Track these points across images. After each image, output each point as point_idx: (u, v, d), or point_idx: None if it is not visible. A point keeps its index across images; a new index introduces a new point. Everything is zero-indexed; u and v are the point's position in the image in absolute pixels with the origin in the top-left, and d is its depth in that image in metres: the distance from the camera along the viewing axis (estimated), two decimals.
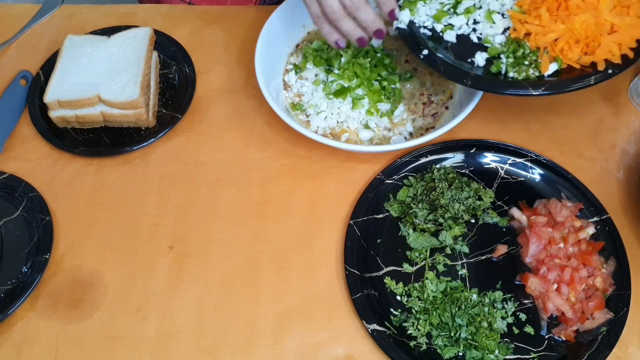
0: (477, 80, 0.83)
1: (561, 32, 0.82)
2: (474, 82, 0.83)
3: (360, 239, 0.84)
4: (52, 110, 0.93)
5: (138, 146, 0.93)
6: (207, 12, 1.11)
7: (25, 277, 0.81)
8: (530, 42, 0.83)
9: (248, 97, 0.99)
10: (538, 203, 0.86)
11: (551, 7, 0.82)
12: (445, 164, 0.90)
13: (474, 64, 0.86)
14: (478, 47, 0.87)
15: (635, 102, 0.97)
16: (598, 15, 0.80)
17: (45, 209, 0.87)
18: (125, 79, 0.94)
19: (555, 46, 0.82)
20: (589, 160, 0.92)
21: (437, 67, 0.85)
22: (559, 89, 0.81)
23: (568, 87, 0.81)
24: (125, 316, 0.80)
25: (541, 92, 0.80)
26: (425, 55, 0.86)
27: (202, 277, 0.83)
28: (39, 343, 0.78)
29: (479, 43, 0.87)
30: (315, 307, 0.80)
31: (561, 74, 0.82)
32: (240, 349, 0.78)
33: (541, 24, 0.83)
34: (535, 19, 0.83)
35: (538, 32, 0.83)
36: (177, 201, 0.89)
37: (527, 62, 0.82)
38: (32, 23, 1.10)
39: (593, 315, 0.77)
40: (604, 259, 0.81)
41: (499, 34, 0.86)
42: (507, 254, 0.83)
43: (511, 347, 0.76)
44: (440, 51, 0.87)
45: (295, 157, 0.93)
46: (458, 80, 0.84)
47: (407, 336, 0.77)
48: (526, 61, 0.83)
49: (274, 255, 0.85)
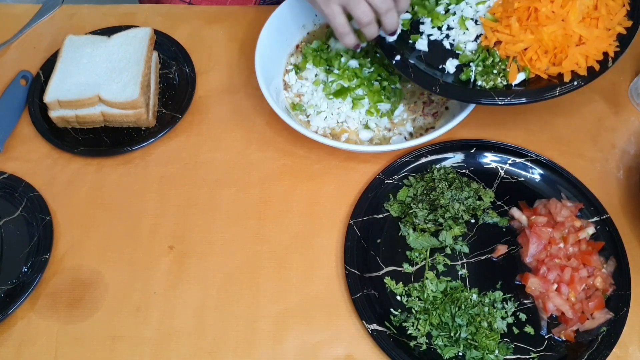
0: (445, 88, 0.84)
1: (530, 42, 0.82)
2: (442, 90, 0.84)
3: (360, 239, 0.84)
4: (52, 110, 0.93)
5: (138, 146, 0.93)
6: (207, 12, 1.11)
7: (25, 277, 0.81)
8: (500, 51, 0.84)
9: (248, 97, 0.99)
10: (538, 203, 0.86)
11: (522, 17, 0.83)
12: (445, 164, 0.90)
13: (445, 70, 0.86)
14: (450, 54, 0.88)
15: (635, 102, 0.97)
16: (566, 27, 0.81)
17: (45, 209, 0.87)
18: (125, 79, 0.94)
19: (524, 56, 0.83)
20: (589, 160, 0.92)
21: (408, 73, 0.87)
22: (525, 98, 0.81)
23: (534, 97, 0.82)
24: (125, 316, 0.80)
25: (507, 101, 0.81)
26: (397, 60, 0.87)
27: (202, 277, 0.83)
28: (39, 343, 0.78)
29: (451, 50, 0.88)
30: (315, 307, 0.80)
31: (529, 83, 0.83)
32: (240, 349, 0.78)
33: (511, 33, 0.83)
34: (506, 28, 0.84)
35: (508, 42, 0.84)
36: (177, 201, 0.89)
37: (495, 70, 0.83)
38: (32, 23, 1.10)
39: (593, 315, 0.77)
40: (604, 259, 0.81)
41: (471, 41, 0.87)
42: (507, 254, 0.83)
43: (511, 347, 0.76)
44: (413, 57, 0.88)
45: (295, 157, 0.93)
46: (427, 87, 0.85)
47: (407, 336, 0.77)
48: (495, 70, 0.83)
49: (274, 255, 0.85)
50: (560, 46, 0.81)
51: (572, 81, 0.81)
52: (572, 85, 0.81)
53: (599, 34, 0.81)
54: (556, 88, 0.81)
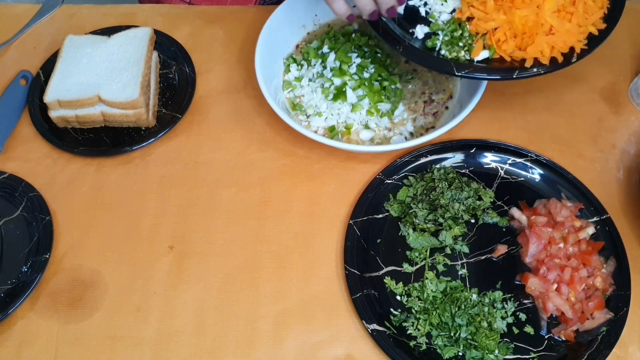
0: (409, 50, 0.85)
1: (501, 23, 0.83)
2: (406, 51, 0.85)
3: (360, 238, 0.84)
4: (52, 110, 0.93)
5: (138, 146, 0.93)
6: (207, 12, 1.11)
7: (25, 277, 0.81)
8: (471, 26, 0.85)
9: (248, 97, 0.99)
10: (538, 203, 0.86)
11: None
12: (445, 164, 0.90)
13: (414, 35, 0.87)
14: (423, 21, 0.89)
15: (635, 102, 0.97)
16: (540, 14, 0.81)
17: (45, 209, 0.87)
18: (125, 79, 0.94)
19: (493, 35, 0.83)
20: (589, 160, 0.92)
21: (377, 29, 0.87)
22: (485, 74, 0.82)
23: (490, 74, 0.82)
24: (125, 316, 0.80)
25: (464, 74, 0.82)
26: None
27: (202, 277, 0.83)
28: (39, 343, 0.78)
29: (425, 17, 0.89)
30: (315, 307, 0.80)
31: (491, 62, 0.84)
32: (240, 349, 0.78)
33: (485, 10, 0.84)
34: (481, 5, 0.84)
35: (480, 18, 0.84)
36: (177, 201, 0.89)
37: (461, 43, 0.84)
38: (32, 23, 1.10)
39: (593, 315, 0.77)
40: (604, 259, 0.81)
41: (447, 12, 0.88)
42: (507, 254, 0.83)
43: (511, 347, 0.76)
44: (388, 18, 0.88)
45: (295, 157, 0.93)
46: (392, 45, 0.86)
47: (407, 336, 0.77)
48: (461, 42, 0.84)
49: (274, 255, 0.85)
50: (530, 32, 0.81)
51: (533, 67, 0.81)
52: (531, 71, 0.81)
53: (570, 28, 0.81)
54: (515, 71, 0.82)
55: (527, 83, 0.99)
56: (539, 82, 0.99)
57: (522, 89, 0.99)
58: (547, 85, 0.99)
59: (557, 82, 0.99)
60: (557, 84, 0.99)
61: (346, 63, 0.96)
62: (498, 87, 0.97)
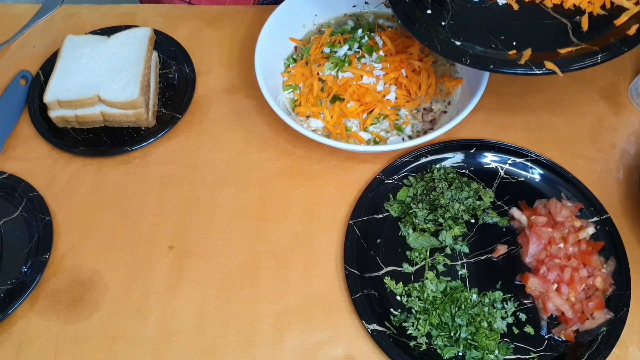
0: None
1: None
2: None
3: (360, 238, 0.84)
4: (52, 110, 0.93)
5: (138, 146, 0.93)
6: (207, 12, 1.11)
7: (25, 277, 0.81)
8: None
9: (248, 97, 0.99)
10: (538, 203, 0.86)
11: None
12: (445, 164, 0.90)
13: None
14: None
15: (635, 102, 0.97)
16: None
17: (45, 209, 0.87)
18: (125, 78, 0.94)
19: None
20: (589, 160, 0.92)
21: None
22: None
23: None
24: (125, 316, 0.80)
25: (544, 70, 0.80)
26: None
27: (202, 277, 0.83)
28: (39, 343, 0.78)
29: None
30: (315, 307, 0.80)
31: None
32: (240, 349, 0.78)
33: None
34: None
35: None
36: (177, 201, 0.89)
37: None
38: (32, 23, 1.10)
39: (593, 315, 0.77)
40: (604, 259, 0.81)
41: None
42: (507, 254, 0.83)
43: (511, 347, 0.76)
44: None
45: (295, 157, 0.93)
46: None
47: (407, 336, 0.77)
48: None
49: (274, 255, 0.85)
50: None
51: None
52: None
53: None
54: (597, 55, 0.80)
55: (527, 83, 0.99)
56: (539, 82, 0.99)
57: (522, 89, 0.99)
58: (547, 85, 0.99)
59: (557, 82, 0.99)
60: (557, 83, 0.99)
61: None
62: (498, 87, 0.97)
